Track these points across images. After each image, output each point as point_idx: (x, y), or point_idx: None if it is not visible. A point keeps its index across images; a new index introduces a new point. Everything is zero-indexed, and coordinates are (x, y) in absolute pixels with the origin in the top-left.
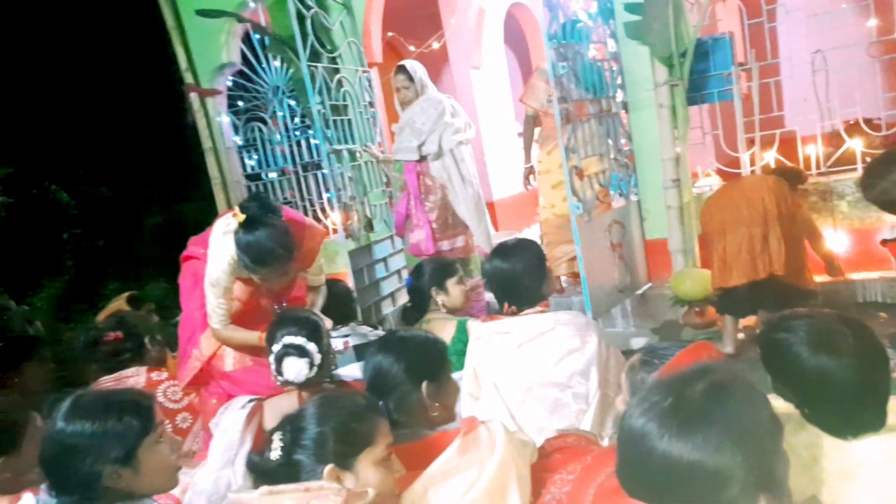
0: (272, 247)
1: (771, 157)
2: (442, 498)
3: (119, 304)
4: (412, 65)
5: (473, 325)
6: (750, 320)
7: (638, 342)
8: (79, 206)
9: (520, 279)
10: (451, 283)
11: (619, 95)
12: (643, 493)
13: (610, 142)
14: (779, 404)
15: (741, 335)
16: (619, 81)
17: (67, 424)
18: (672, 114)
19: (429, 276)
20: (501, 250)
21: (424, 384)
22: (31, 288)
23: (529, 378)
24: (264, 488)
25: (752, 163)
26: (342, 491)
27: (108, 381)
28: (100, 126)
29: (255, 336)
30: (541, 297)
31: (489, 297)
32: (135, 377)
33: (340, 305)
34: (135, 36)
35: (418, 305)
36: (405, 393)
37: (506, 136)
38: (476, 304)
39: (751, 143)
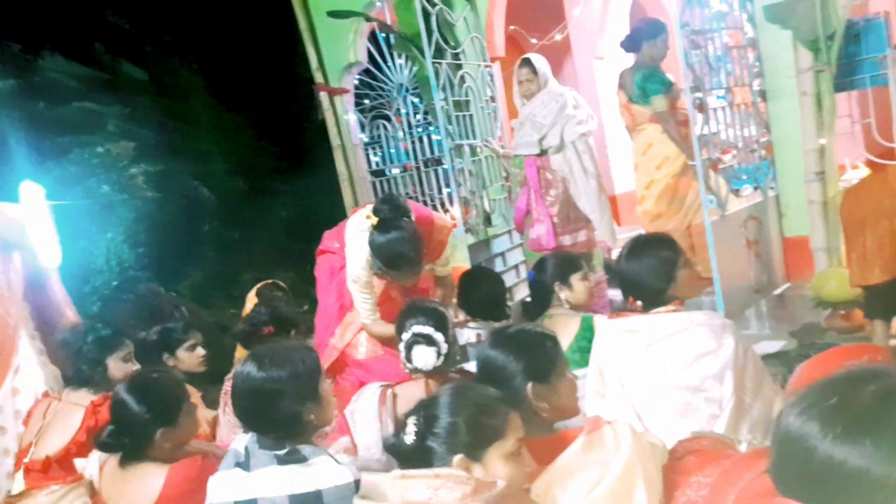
0: (403, 251)
1: None
2: (565, 495)
3: (266, 289)
4: (537, 58)
5: (599, 322)
6: None
7: (774, 346)
8: (218, 200)
9: (650, 276)
10: (575, 279)
11: (757, 83)
12: (800, 494)
13: (746, 133)
14: None
15: (894, 342)
16: (756, 69)
17: (264, 373)
18: (817, 102)
19: (552, 270)
20: (635, 244)
21: (530, 385)
22: (177, 277)
23: (658, 379)
24: (396, 472)
25: None
26: (471, 480)
27: None
28: (238, 125)
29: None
30: (672, 297)
31: (612, 293)
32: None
33: (494, 299)
34: (269, 38)
35: (540, 300)
36: (513, 391)
37: None
38: (599, 301)
39: None
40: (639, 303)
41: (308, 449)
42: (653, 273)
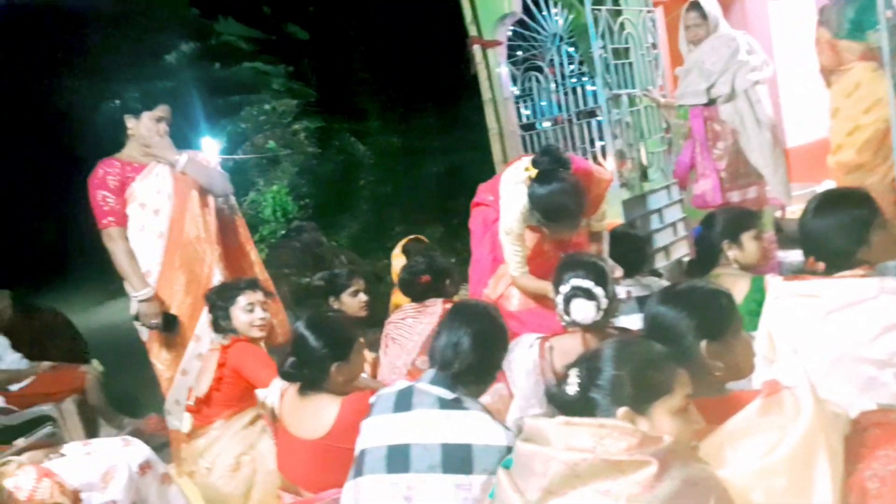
0: (565, 203)
1: None
2: (739, 456)
3: (413, 243)
4: (706, 1)
5: (772, 284)
6: None
7: None
8: (372, 156)
9: (838, 235)
10: (746, 237)
11: None
12: None
13: None
14: None
15: None
16: None
17: (485, 323)
18: None
19: (722, 227)
20: (825, 199)
21: (704, 343)
22: (336, 227)
23: (839, 350)
24: (561, 418)
25: None
26: (637, 432)
27: (411, 309)
28: (393, 82)
29: (548, 286)
30: (861, 261)
31: (781, 255)
32: (433, 306)
33: (635, 252)
34: None
35: (705, 259)
36: (684, 349)
37: (806, 75)
38: (769, 262)
39: None
40: (821, 264)
41: (473, 404)
42: (842, 232)
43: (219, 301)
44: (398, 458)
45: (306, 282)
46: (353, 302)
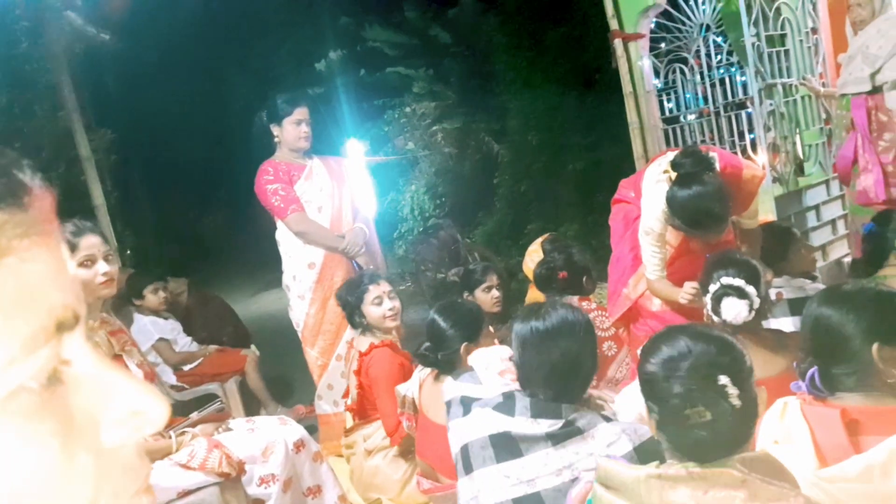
0: (707, 207)
1: None
2: None
3: (550, 241)
4: None
5: None
6: None
7: None
8: (508, 154)
9: None
10: None
11: None
12: None
13: None
14: None
15: None
16: None
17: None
18: None
19: None
20: None
21: (876, 346)
22: (471, 225)
23: None
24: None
25: None
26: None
27: None
28: (533, 80)
29: (678, 293)
30: None
31: None
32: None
33: (787, 251)
34: None
35: (874, 257)
36: (853, 353)
37: None
38: None
39: None
40: None
41: (583, 418)
42: None
43: (349, 298)
44: None
45: (442, 277)
46: (486, 297)
